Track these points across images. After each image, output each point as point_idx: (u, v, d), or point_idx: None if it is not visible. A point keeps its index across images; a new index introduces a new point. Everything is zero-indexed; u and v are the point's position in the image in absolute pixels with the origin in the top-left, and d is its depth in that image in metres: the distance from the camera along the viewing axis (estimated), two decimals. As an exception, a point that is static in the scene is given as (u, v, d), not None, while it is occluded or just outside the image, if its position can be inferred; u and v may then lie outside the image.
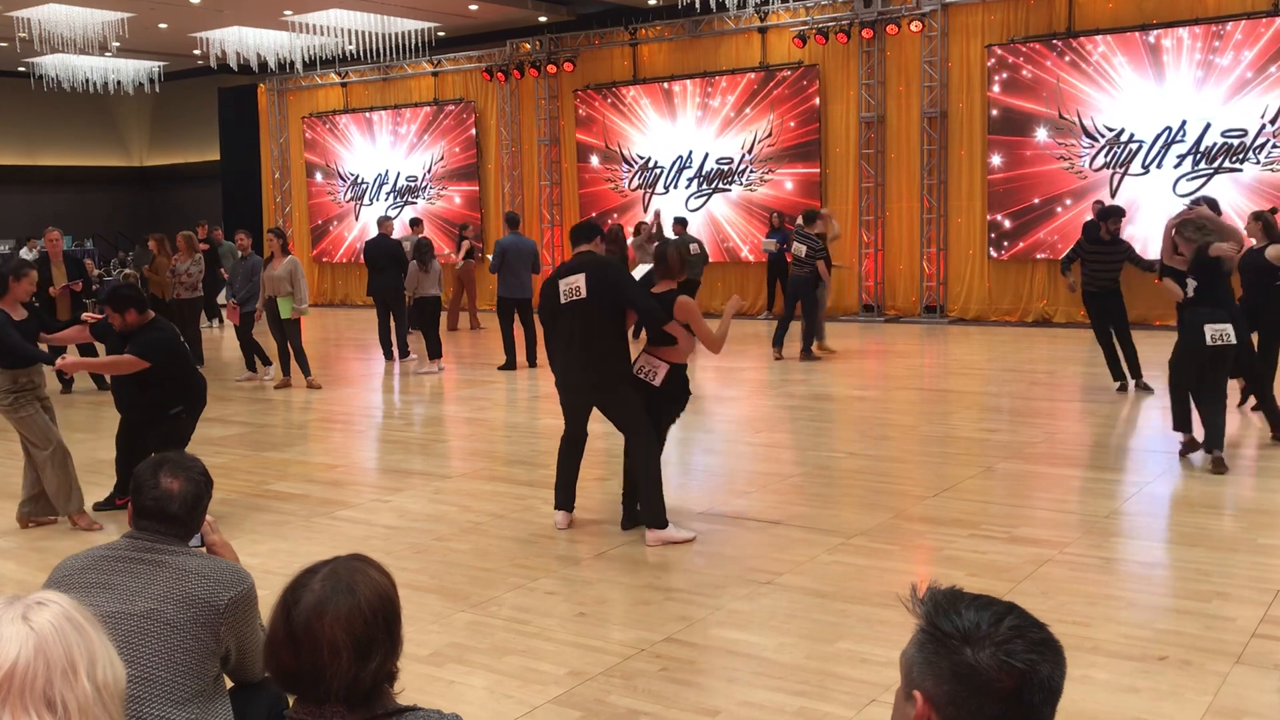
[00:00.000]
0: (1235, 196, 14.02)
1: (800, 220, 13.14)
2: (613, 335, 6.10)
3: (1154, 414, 9.39)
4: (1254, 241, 8.39)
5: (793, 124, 17.13)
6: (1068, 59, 14.93)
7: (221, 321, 18.15)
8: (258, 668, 2.86)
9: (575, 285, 6.07)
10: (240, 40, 19.23)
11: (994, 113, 15.48)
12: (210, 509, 3.07)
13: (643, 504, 6.09)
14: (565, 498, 6.42)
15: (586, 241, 6.32)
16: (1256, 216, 8.63)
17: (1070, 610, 4.85)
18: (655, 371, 6.10)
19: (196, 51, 20.08)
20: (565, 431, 6.41)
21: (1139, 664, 4.28)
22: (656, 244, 7.53)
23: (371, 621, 1.90)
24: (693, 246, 14.48)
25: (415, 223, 17.66)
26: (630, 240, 15.06)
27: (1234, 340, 7.17)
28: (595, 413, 6.37)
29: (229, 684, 2.91)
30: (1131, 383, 10.09)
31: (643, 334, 6.38)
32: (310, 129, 22.75)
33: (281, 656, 1.91)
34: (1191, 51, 14.15)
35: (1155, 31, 14.34)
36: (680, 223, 15.66)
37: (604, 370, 6.10)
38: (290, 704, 1.97)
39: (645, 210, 18.59)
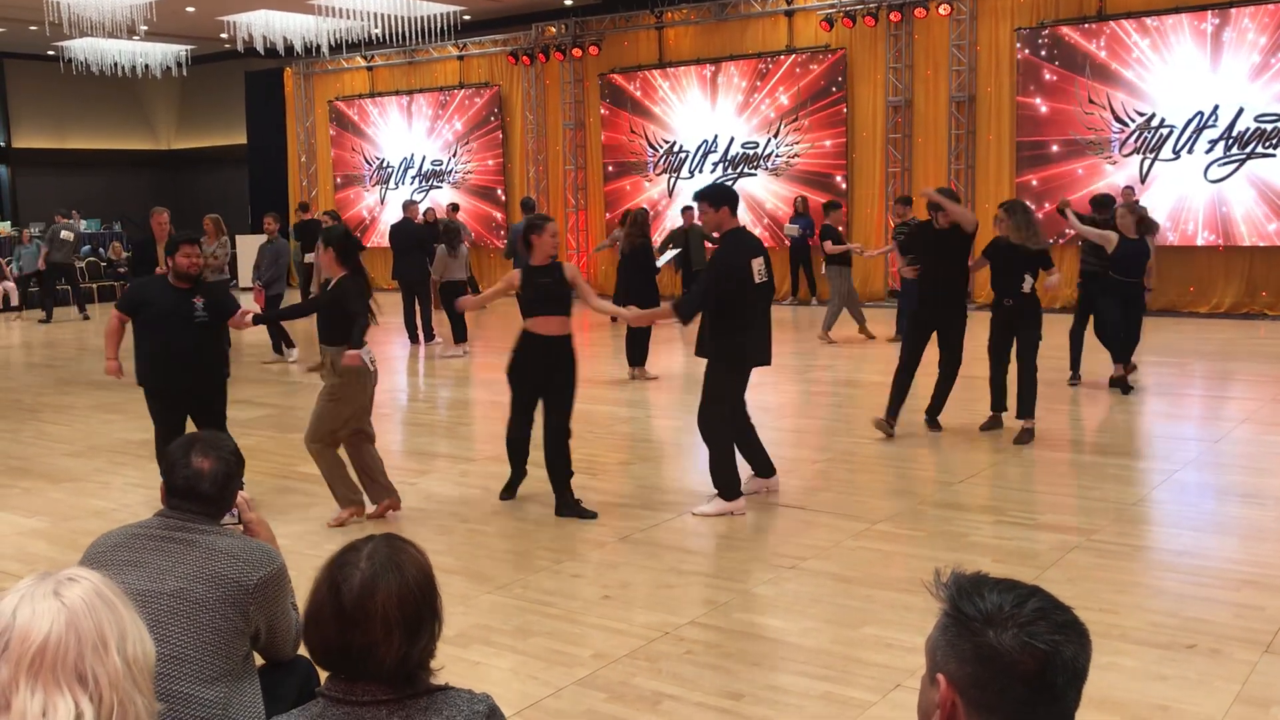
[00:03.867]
0: (1271, 181, 13.85)
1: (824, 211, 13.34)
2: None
3: (1182, 401, 9.32)
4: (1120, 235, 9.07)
5: (819, 108, 17.03)
6: (1099, 42, 14.77)
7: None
8: (289, 646, 2.88)
9: (761, 267, 6.16)
10: (267, 24, 19.26)
11: (1023, 97, 15.33)
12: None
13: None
14: (761, 463, 6.57)
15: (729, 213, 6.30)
16: (1130, 210, 9.34)
17: (1097, 597, 4.82)
18: None
19: (224, 35, 20.13)
20: (734, 410, 6.44)
21: (1167, 652, 4.25)
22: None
23: (421, 600, 1.92)
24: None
25: (455, 208, 17.77)
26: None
27: None
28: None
29: (259, 662, 2.93)
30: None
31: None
32: (336, 113, 22.80)
33: (328, 634, 1.91)
34: (1225, 35, 13.96)
35: (1186, 14, 14.16)
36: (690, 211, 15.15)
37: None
38: (322, 681, 1.98)
39: (671, 195, 18.55)
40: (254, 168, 24.89)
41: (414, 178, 21.87)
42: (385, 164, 22.31)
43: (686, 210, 15.18)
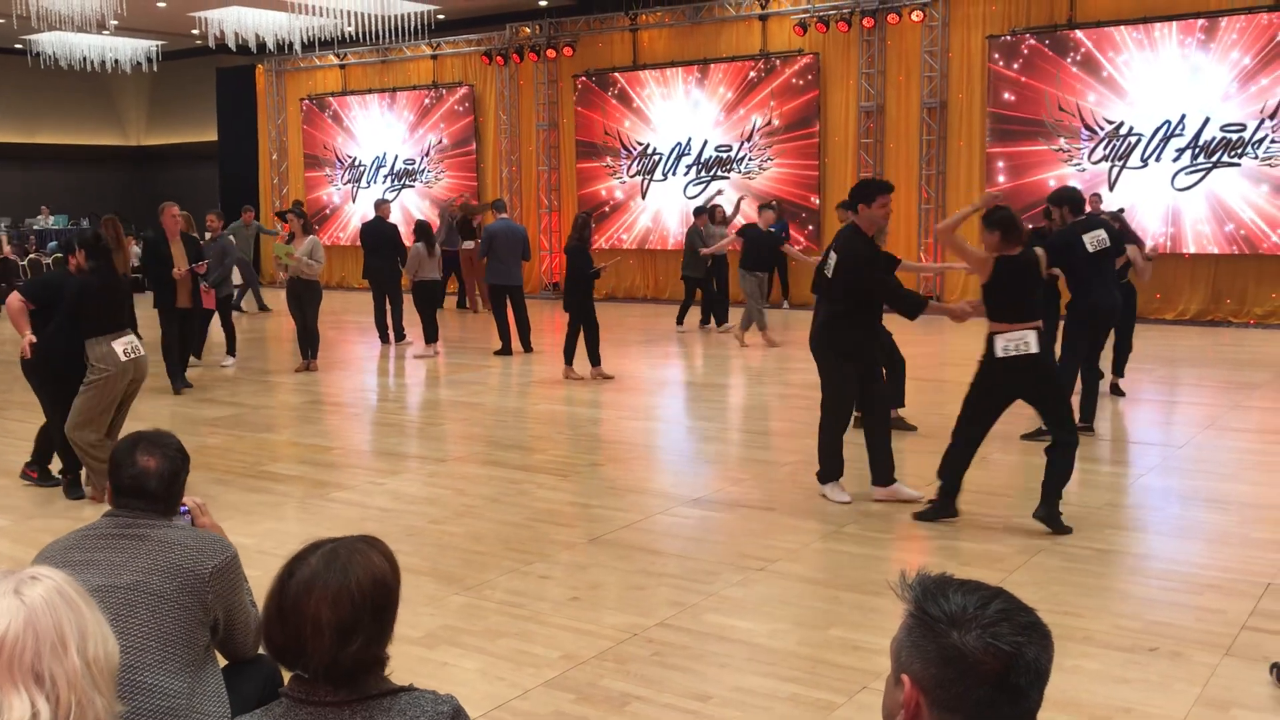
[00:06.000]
0: (1234, 190, 14.02)
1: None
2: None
3: (1148, 407, 9.41)
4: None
5: (791, 113, 17.10)
6: (1068, 51, 14.91)
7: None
8: (249, 641, 2.89)
9: (830, 263, 6.46)
10: (239, 20, 19.14)
11: (994, 104, 15.45)
12: (205, 489, 3.09)
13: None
14: (884, 470, 6.60)
15: (852, 212, 6.60)
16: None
17: (1063, 600, 4.87)
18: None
19: (195, 31, 19.98)
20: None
21: (1130, 655, 4.30)
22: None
23: (359, 604, 1.90)
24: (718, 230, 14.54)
25: (499, 205, 17.77)
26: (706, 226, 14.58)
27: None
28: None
29: (222, 661, 2.93)
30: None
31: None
32: (307, 111, 22.68)
33: (271, 628, 1.93)
34: (1192, 45, 14.12)
35: (1156, 24, 14.31)
36: (702, 213, 14.85)
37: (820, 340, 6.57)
38: (285, 680, 1.98)
39: (644, 197, 18.57)
40: (225, 165, 24.71)
41: (386, 176, 21.78)
42: (357, 162, 22.21)
43: (700, 213, 14.84)
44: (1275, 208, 13.85)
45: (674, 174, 18.32)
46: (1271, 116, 13.71)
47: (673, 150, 18.29)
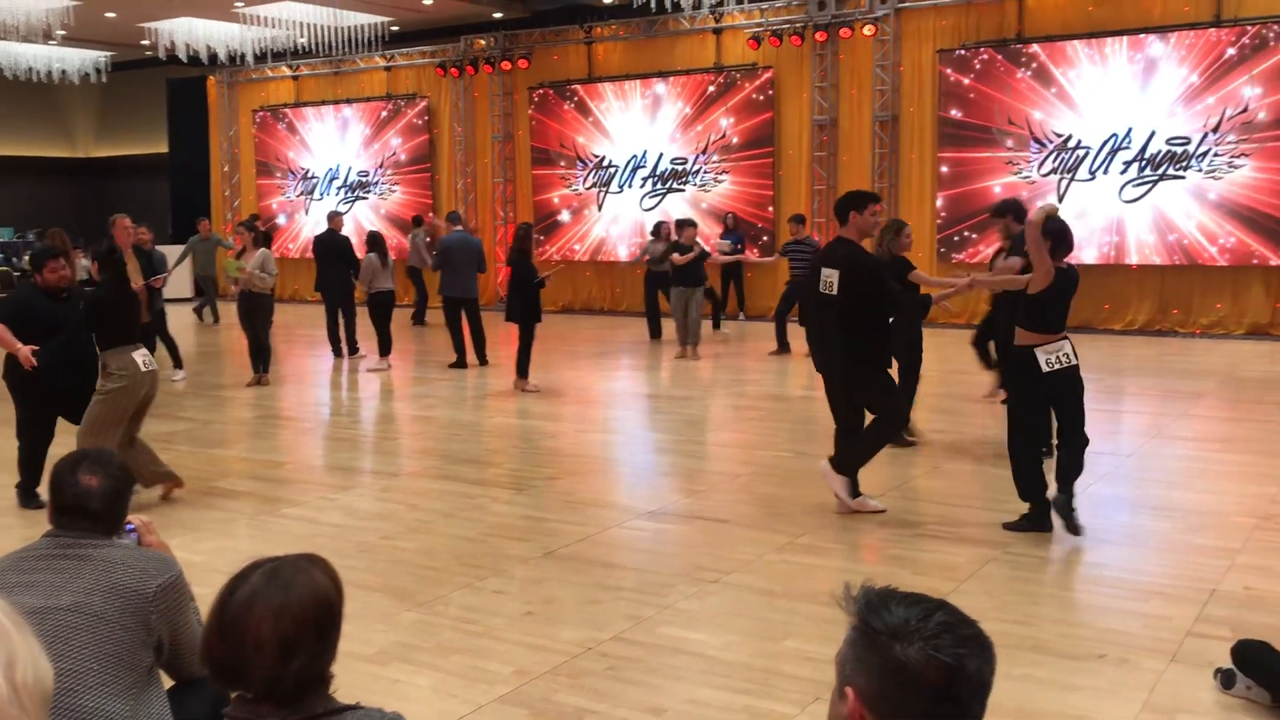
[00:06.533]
0: (1179, 203, 14.27)
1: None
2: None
3: (1097, 417, 9.54)
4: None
5: (746, 126, 17.20)
6: (1018, 65, 15.12)
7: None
8: (196, 662, 2.85)
9: (830, 280, 6.22)
10: (190, 31, 18.95)
11: (944, 118, 15.64)
12: (155, 506, 3.04)
13: (848, 450, 6.40)
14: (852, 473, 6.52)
15: (843, 223, 6.38)
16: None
17: (1013, 609, 4.91)
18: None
19: (145, 42, 19.76)
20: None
21: (1079, 662, 4.35)
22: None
23: (300, 621, 1.89)
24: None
25: (418, 221, 17.72)
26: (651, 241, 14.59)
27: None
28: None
29: (168, 683, 2.89)
30: None
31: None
32: (260, 122, 22.49)
33: (211, 645, 1.91)
34: (1138, 60, 14.38)
35: (1103, 39, 14.56)
36: (687, 224, 14.40)
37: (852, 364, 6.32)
38: (231, 701, 1.96)
39: (599, 209, 18.60)
40: (176, 177, 24.45)
41: (339, 188, 21.64)
42: (310, 174, 22.05)
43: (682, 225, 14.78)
44: (1214, 222, 14.12)
45: (629, 186, 18.36)
46: (1215, 130, 13.98)
47: (628, 163, 18.33)
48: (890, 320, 6.48)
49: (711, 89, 17.42)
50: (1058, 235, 5.91)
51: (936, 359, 12.89)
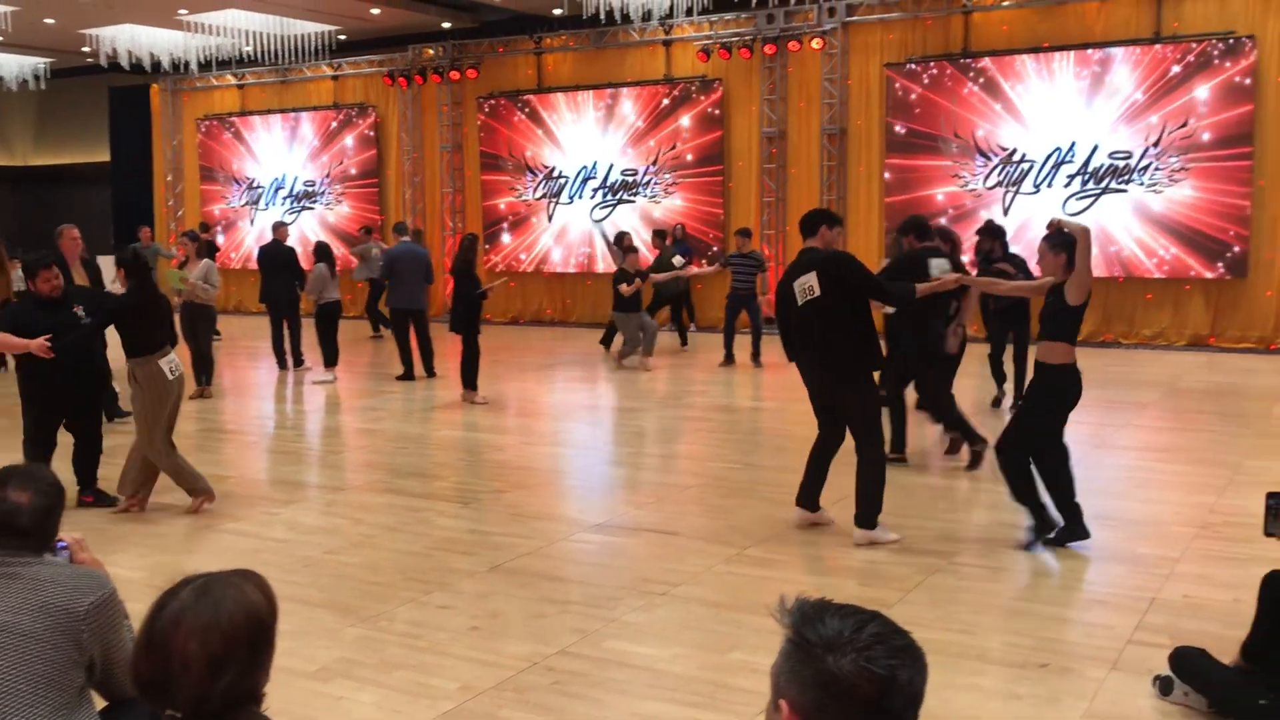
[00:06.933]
0: (1120, 218, 14.51)
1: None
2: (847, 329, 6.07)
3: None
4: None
5: (696, 137, 17.25)
6: (964, 79, 15.31)
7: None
8: (129, 681, 2.79)
9: (808, 285, 6.05)
10: (132, 39, 18.67)
11: (891, 131, 15.79)
12: (90, 522, 2.99)
13: (859, 502, 6.07)
14: (805, 496, 6.37)
15: (811, 235, 6.27)
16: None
17: (957, 619, 4.95)
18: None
19: (86, 49, 19.45)
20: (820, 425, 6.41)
21: (1022, 671, 4.38)
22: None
23: (230, 638, 1.86)
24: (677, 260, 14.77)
25: (369, 231, 17.61)
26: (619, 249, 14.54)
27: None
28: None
29: (101, 703, 2.83)
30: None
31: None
32: (202, 136, 22.22)
33: (139, 664, 1.87)
34: (1081, 75, 14.62)
35: (1047, 54, 14.79)
36: (630, 250, 14.28)
37: (847, 366, 6.10)
38: None
39: (550, 220, 18.56)
40: (118, 186, 24.06)
41: (285, 199, 21.42)
42: (255, 184, 21.81)
43: (626, 252, 14.75)
44: (1151, 237, 14.39)
45: (580, 197, 18.35)
46: (1156, 144, 14.24)
47: (579, 174, 18.32)
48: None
49: (661, 100, 17.45)
50: (1075, 246, 5.92)
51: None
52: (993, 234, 9.73)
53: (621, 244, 14.49)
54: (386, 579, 5.63)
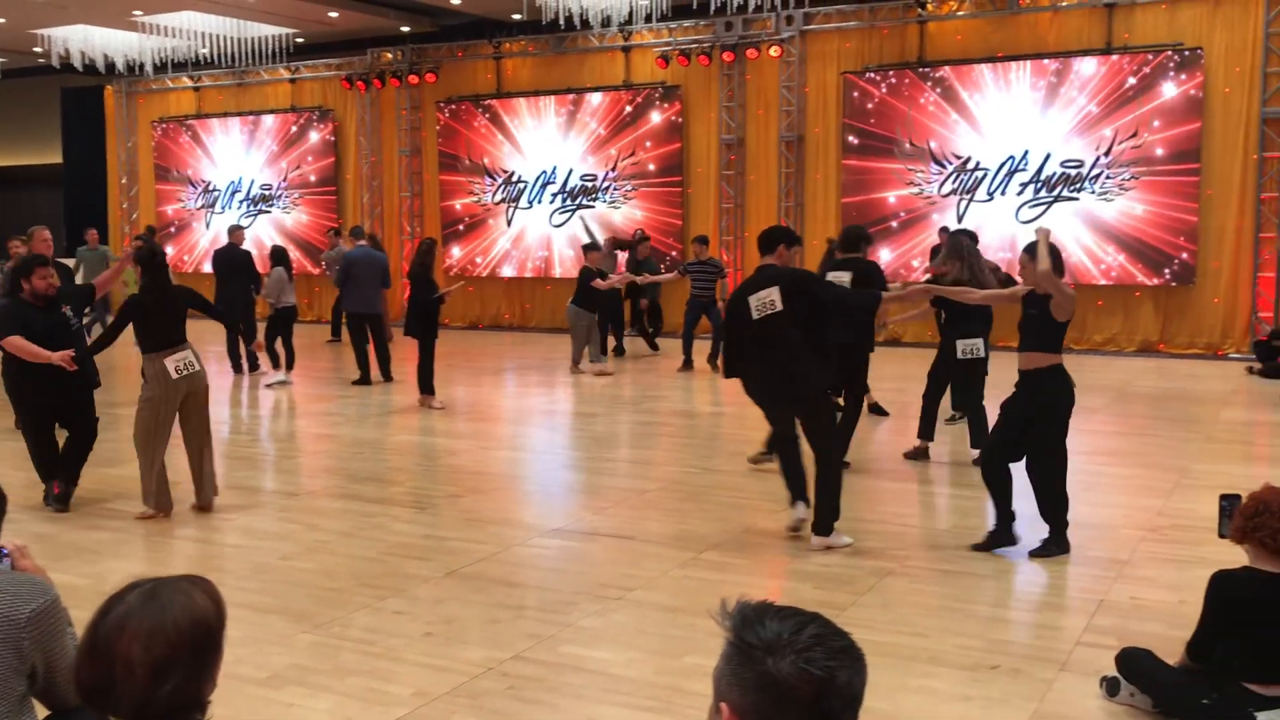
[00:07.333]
0: (1069, 227, 14.72)
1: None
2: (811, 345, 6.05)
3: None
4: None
5: (655, 143, 17.30)
6: (922, 87, 15.46)
7: None
8: (72, 690, 2.75)
9: (769, 299, 6.01)
10: (86, 39, 18.44)
11: (849, 139, 15.92)
12: (39, 529, 2.95)
13: (817, 510, 6.09)
14: (799, 488, 6.29)
15: (769, 252, 6.24)
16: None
17: (910, 622, 4.99)
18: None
19: (38, 49, 19.19)
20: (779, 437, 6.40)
21: (973, 673, 4.43)
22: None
23: (175, 643, 1.85)
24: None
25: (338, 232, 17.49)
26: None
27: (983, 354, 8.22)
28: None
29: (43, 712, 2.79)
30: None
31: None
32: (159, 136, 21.98)
33: (81, 668, 1.86)
34: (1034, 85, 14.81)
35: (1001, 64, 14.97)
36: (592, 248, 14.32)
37: (807, 381, 6.07)
38: None
39: (509, 225, 18.54)
40: (70, 188, 23.72)
41: (241, 202, 21.23)
42: (211, 188, 21.60)
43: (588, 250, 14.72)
44: (1098, 246, 14.61)
45: (539, 202, 18.34)
46: (1106, 153, 14.45)
47: (538, 178, 18.31)
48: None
49: (620, 106, 17.48)
50: (1057, 255, 5.99)
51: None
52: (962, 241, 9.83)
53: (615, 245, 14.57)
54: (341, 585, 5.60)
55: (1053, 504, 6.02)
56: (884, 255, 15.40)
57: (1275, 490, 3.88)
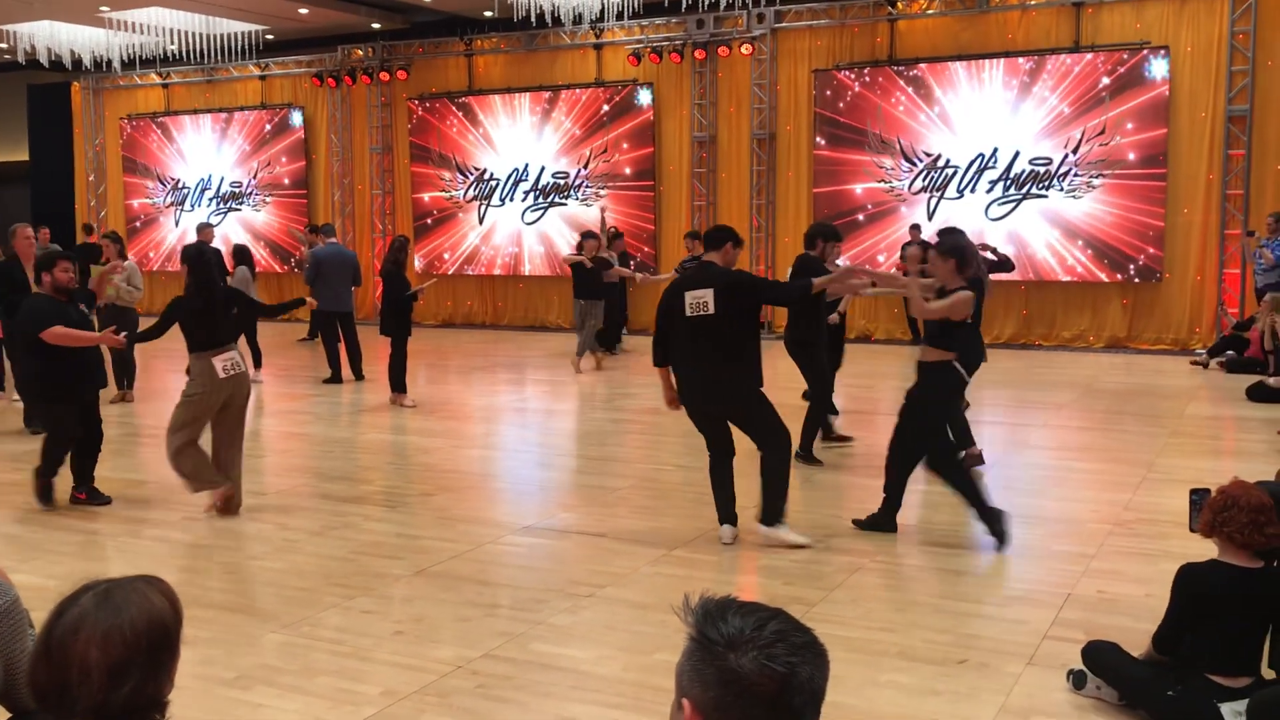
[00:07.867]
0: (1035, 225, 14.82)
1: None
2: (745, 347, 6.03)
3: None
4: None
5: (627, 141, 17.29)
6: (891, 86, 15.52)
7: None
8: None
9: (702, 300, 5.94)
10: (52, 35, 18.24)
11: (819, 137, 15.97)
12: (9, 529, 2.91)
13: (765, 501, 6.07)
14: (727, 510, 6.21)
15: (715, 249, 6.18)
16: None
17: (879, 617, 5.02)
18: None
19: (3, 45, 18.97)
20: (710, 443, 6.28)
21: (940, 667, 4.46)
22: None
23: (131, 644, 1.83)
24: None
25: (318, 229, 17.32)
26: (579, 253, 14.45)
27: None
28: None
29: (3, 714, 2.76)
30: None
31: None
32: (129, 130, 21.77)
33: (36, 671, 1.84)
34: (1003, 83, 14.90)
35: (970, 62, 15.05)
36: (589, 236, 14.31)
37: (737, 383, 6.02)
38: None
39: (481, 222, 18.48)
40: (37, 186, 23.47)
41: (211, 199, 21.07)
42: (181, 185, 21.42)
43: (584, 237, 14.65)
44: (1062, 244, 14.74)
45: (511, 200, 18.30)
46: (1075, 151, 14.56)
47: (510, 176, 18.26)
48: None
49: (592, 104, 17.45)
50: (960, 250, 6.03)
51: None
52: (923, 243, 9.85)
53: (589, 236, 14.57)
54: (311, 584, 5.57)
55: (892, 487, 6.26)
56: (851, 249, 15.41)
57: (1243, 485, 3.92)
